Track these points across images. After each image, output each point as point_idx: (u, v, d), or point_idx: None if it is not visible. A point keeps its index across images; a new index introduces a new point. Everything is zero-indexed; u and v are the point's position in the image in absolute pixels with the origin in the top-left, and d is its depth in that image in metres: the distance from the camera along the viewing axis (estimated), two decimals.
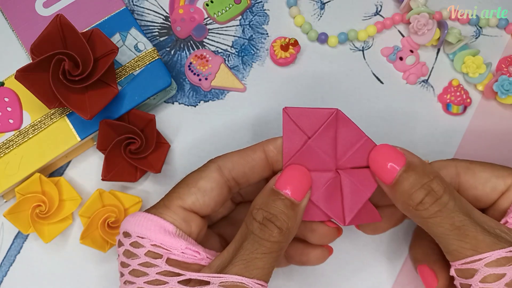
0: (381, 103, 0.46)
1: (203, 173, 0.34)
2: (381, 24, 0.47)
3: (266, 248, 0.31)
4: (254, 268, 0.30)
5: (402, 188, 0.32)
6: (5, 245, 0.43)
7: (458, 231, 0.31)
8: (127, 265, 0.32)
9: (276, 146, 0.34)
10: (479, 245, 0.31)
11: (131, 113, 0.42)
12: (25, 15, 0.43)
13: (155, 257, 0.31)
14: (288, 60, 0.45)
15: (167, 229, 0.32)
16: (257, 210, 0.32)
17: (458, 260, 0.31)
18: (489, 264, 0.30)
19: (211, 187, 0.34)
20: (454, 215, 0.31)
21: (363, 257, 0.43)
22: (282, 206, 0.32)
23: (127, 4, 0.47)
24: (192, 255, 0.32)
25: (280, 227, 0.31)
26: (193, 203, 0.33)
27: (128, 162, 0.41)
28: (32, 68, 0.38)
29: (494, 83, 0.45)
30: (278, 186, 0.32)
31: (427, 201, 0.31)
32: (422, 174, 0.32)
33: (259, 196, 0.33)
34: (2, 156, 0.41)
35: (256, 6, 0.48)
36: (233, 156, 0.35)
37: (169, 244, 0.32)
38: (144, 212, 0.33)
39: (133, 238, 0.32)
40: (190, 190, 0.33)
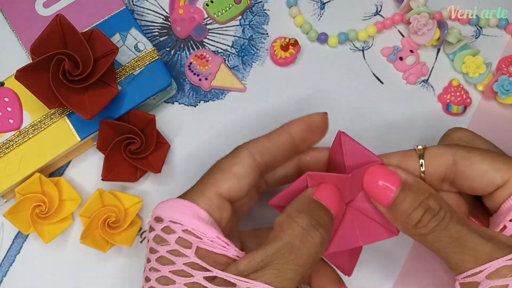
0: (381, 103, 0.46)
1: (236, 159, 0.34)
2: (381, 24, 0.47)
3: (302, 260, 0.30)
4: (285, 279, 0.29)
5: (400, 208, 0.32)
6: (5, 245, 0.43)
7: (456, 243, 0.31)
8: (155, 251, 0.31)
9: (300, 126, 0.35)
10: (478, 256, 0.30)
11: (131, 113, 0.42)
12: (25, 15, 0.43)
13: (185, 246, 0.31)
14: (288, 60, 0.45)
15: (200, 215, 0.31)
16: (299, 214, 0.31)
17: (460, 274, 0.31)
18: (490, 276, 0.30)
19: (245, 172, 0.33)
20: (451, 227, 0.31)
21: (363, 257, 0.43)
22: (325, 215, 0.31)
23: (127, 4, 0.47)
24: (221, 245, 0.31)
25: (324, 237, 0.30)
26: (229, 188, 0.33)
27: (128, 162, 0.41)
28: (32, 68, 0.38)
29: (494, 83, 0.45)
30: (317, 196, 0.32)
31: (425, 218, 0.31)
32: (418, 193, 0.32)
33: (297, 201, 0.32)
34: (2, 156, 0.41)
35: (256, 6, 0.48)
36: (263, 141, 0.35)
37: (201, 230, 0.31)
38: (177, 198, 0.33)
39: (165, 222, 0.32)
40: (226, 175, 0.33)
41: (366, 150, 0.33)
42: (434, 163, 0.34)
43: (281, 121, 0.45)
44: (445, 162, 0.34)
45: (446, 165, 0.34)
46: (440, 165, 0.34)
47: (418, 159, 0.34)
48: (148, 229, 0.33)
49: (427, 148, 0.35)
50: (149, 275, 0.31)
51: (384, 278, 0.43)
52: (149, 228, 0.33)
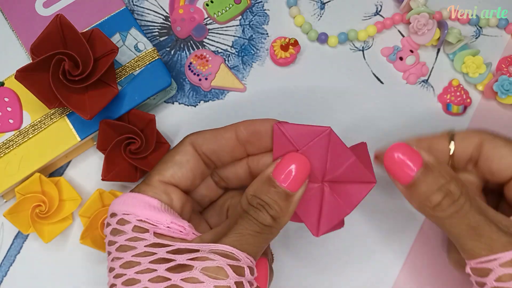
0: (381, 103, 0.46)
1: (178, 149, 0.35)
2: (381, 24, 0.47)
3: (259, 228, 0.31)
4: (246, 243, 0.31)
5: (420, 189, 0.32)
6: (5, 245, 0.43)
7: (473, 231, 0.31)
8: (114, 243, 0.33)
9: (246, 127, 0.35)
10: (493, 245, 0.31)
11: (131, 113, 0.42)
12: (25, 15, 0.43)
13: (143, 232, 0.32)
14: (288, 60, 0.45)
15: (152, 204, 0.33)
16: (251, 196, 0.32)
17: (473, 259, 0.31)
18: (504, 264, 0.30)
19: (186, 159, 0.35)
20: (470, 216, 0.31)
21: (365, 255, 0.43)
22: (275, 196, 0.32)
23: (127, 4, 0.47)
24: (177, 229, 0.33)
25: (273, 216, 0.32)
26: (172, 175, 0.34)
27: (128, 162, 0.41)
28: (32, 68, 0.38)
29: (494, 83, 0.45)
30: (274, 175, 0.32)
31: (444, 203, 0.31)
32: (439, 176, 0.32)
33: (254, 181, 0.33)
34: (2, 156, 0.41)
35: (256, 6, 0.48)
36: (205, 133, 0.35)
37: (155, 218, 0.32)
38: (128, 192, 0.34)
39: (119, 216, 0.33)
40: (167, 164, 0.35)
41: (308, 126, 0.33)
42: (462, 143, 0.35)
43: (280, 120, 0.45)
44: (472, 142, 0.35)
45: (473, 145, 0.35)
46: (468, 146, 0.35)
47: (448, 139, 0.35)
48: (105, 225, 0.34)
49: (458, 132, 0.36)
50: (112, 265, 0.32)
51: (386, 276, 0.43)
52: (106, 224, 0.34)
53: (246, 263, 0.30)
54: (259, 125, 0.35)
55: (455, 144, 0.35)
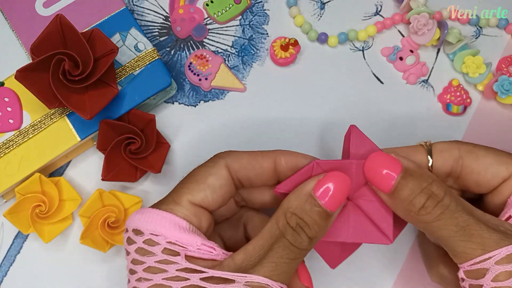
0: (381, 103, 0.46)
1: (213, 169, 0.34)
2: (381, 24, 0.47)
3: (295, 254, 0.31)
4: (281, 272, 0.30)
5: (402, 195, 0.31)
6: (5, 245, 0.43)
7: (463, 232, 0.30)
8: (141, 263, 0.31)
9: (287, 160, 0.34)
10: (486, 243, 0.30)
11: (131, 113, 0.42)
12: (25, 15, 0.43)
13: (173, 254, 0.31)
14: (288, 60, 0.45)
15: (181, 225, 0.32)
16: (291, 215, 0.31)
17: (466, 262, 0.31)
18: (500, 262, 0.29)
19: (220, 184, 0.33)
20: (458, 215, 0.31)
21: (363, 257, 0.43)
22: (316, 217, 0.31)
23: (127, 4, 0.47)
24: (208, 251, 0.31)
25: (311, 237, 0.31)
26: (203, 199, 0.33)
27: (128, 162, 0.41)
28: (32, 68, 0.38)
29: (494, 83, 0.45)
30: (316, 191, 0.31)
31: (429, 205, 0.31)
32: (420, 179, 0.31)
33: (294, 197, 0.32)
34: (2, 156, 0.41)
35: (256, 6, 0.48)
36: (242, 158, 0.34)
37: (184, 240, 0.31)
38: (154, 209, 0.33)
39: (146, 235, 0.31)
40: (200, 186, 0.33)
41: (373, 144, 0.33)
42: (441, 157, 0.34)
43: (281, 121, 0.45)
44: (452, 156, 0.34)
45: (453, 159, 0.34)
46: (447, 159, 0.34)
47: (426, 153, 0.34)
48: (127, 241, 0.33)
49: (434, 144, 0.35)
50: (138, 285, 0.31)
51: (384, 278, 0.43)
52: (128, 240, 0.33)
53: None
54: (300, 161, 0.34)
55: (433, 157, 0.34)
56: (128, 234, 0.33)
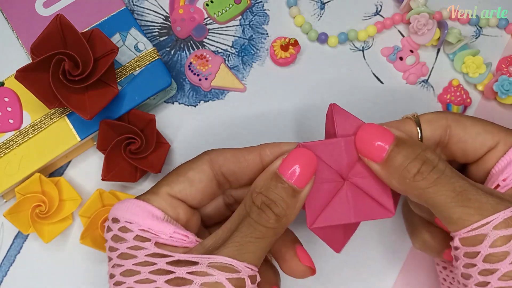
0: (381, 103, 0.46)
1: (194, 164, 0.34)
2: (381, 24, 0.47)
3: (260, 233, 0.31)
4: (246, 252, 0.30)
5: (396, 162, 0.31)
6: (5, 245, 0.43)
7: (460, 197, 0.30)
8: (115, 249, 0.32)
9: (273, 151, 0.34)
10: (484, 208, 0.29)
11: (131, 113, 0.42)
12: (25, 15, 0.43)
13: (144, 241, 0.32)
14: (288, 60, 0.45)
15: (155, 214, 0.33)
16: (256, 194, 0.31)
17: (463, 228, 0.30)
18: (498, 226, 0.29)
19: (199, 178, 0.34)
20: (454, 181, 0.30)
21: (363, 256, 0.43)
22: (282, 193, 0.31)
23: (127, 4, 0.47)
24: (180, 239, 0.32)
25: (278, 214, 0.31)
26: (180, 191, 0.34)
27: (128, 162, 0.41)
28: (32, 68, 0.38)
29: (494, 83, 0.45)
30: (281, 170, 0.31)
31: (424, 170, 0.30)
32: (414, 146, 0.31)
33: (260, 177, 0.32)
34: (2, 156, 0.41)
35: (256, 6, 0.48)
36: (227, 153, 0.34)
37: (157, 228, 0.32)
38: (132, 199, 0.34)
39: (121, 223, 0.33)
40: (179, 178, 0.34)
41: (358, 119, 0.33)
42: (430, 127, 0.34)
43: (281, 121, 0.45)
44: (440, 125, 0.34)
45: (441, 129, 0.34)
46: (435, 129, 0.34)
47: (415, 125, 0.34)
48: (106, 229, 0.34)
49: (421, 115, 0.35)
50: (113, 271, 0.32)
51: (385, 278, 0.43)
52: (107, 228, 0.34)
53: (247, 273, 0.30)
54: (285, 148, 0.34)
55: (421, 127, 0.34)
56: (107, 223, 0.34)
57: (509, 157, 0.33)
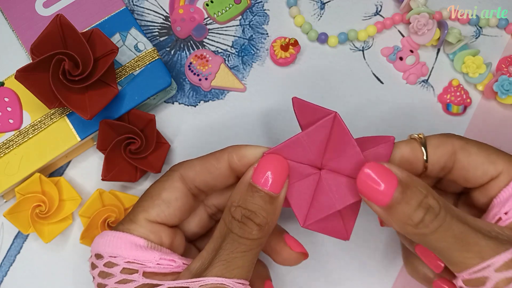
0: (381, 103, 0.46)
1: (166, 183, 0.34)
2: (381, 24, 0.47)
3: (246, 246, 0.30)
4: (235, 268, 0.30)
5: (400, 209, 0.31)
6: (5, 245, 0.43)
7: (460, 242, 0.30)
8: (103, 286, 0.32)
9: (240, 157, 0.33)
10: (484, 252, 0.30)
11: (131, 113, 0.42)
12: (25, 15, 0.43)
13: (131, 273, 0.31)
14: (288, 60, 0.45)
15: (138, 243, 0.32)
16: (235, 208, 0.31)
17: (465, 270, 0.30)
18: (499, 269, 0.29)
19: (175, 197, 0.33)
20: (454, 227, 0.30)
21: (363, 257, 0.43)
22: (260, 202, 0.31)
23: (127, 4, 0.47)
24: (167, 264, 0.32)
25: (259, 224, 0.31)
26: (158, 215, 0.33)
27: (128, 162, 0.41)
28: (32, 68, 0.38)
29: (494, 83, 0.45)
30: (255, 180, 0.31)
31: (427, 219, 0.30)
32: (417, 192, 0.31)
33: (236, 191, 0.32)
34: (2, 156, 0.41)
35: (256, 6, 0.48)
36: (195, 166, 0.34)
37: (142, 258, 0.32)
38: (112, 231, 0.33)
39: (105, 258, 0.32)
40: (154, 202, 0.33)
41: (316, 106, 0.32)
42: (436, 153, 0.34)
43: (281, 121, 0.45)
44: (446, 151, 0.34)
45: (447, 155, 0.34)
46: (441, 156, 0.34)
47: (420, 147, 0.34)
48: (91, 266, 0.33)
49: (428, 138, 0.35)
50: None
51: (384, 278, 0.43)
52: (92, 265, 0.33)
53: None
54: (251, 155, 0.33)
55: (428, 152, 0.34)
56: (91, 260, 0.33)
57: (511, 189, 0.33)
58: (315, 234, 0.43)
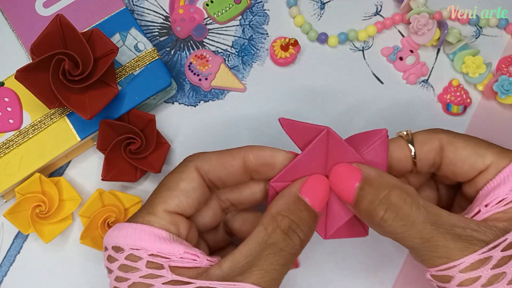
0: (381, 103, 0.46)
1: (183, 174, 0.33)
2: (381, 24, 0.47)
3: (285, 260, 0.30)
4: (271, 279, 0.30)
5: (362, 206, 0.31)
6: (5, 245, 0.43)
7: (428, 243, 0.30)
8: (125, 279, 0.31)
9: (256, 156, 0.33)
10: (451, 253, 0.30)
11: (131, 113, 0.42)
12: (25, 15, 0.43)
13: (158, 268, 0.30)
14: (288, 60, 0.45)
15: (161, 235, 0.31)
16: (282, 217, 0.31)
17: (432, 268, 0.31)
18: (464, 270, 0.30)
19: (192, 187, 0.33)
20: (421, 228, 0.30)
21: (363, 257, 0.43)
22: (306, 216, 0.31)
23: (127, 4, 0.47)
24: (191, 259, 0.31)
25: (302, 239, 0.31)
26: (178, 205, 0.33)
27: (128, 162, 0.41)
28: (32, 68, 0.38)
29: (494, 83, 0.45)
30: (304, 194, 0.32)
31: (388, 217, 0.30)
32: (378, 188, 0.31)
33: (282, 200, 0.32)
34: (2, 156, 0.41)
35: (256, 6, 0.48)
36: (211, 159, 0.34)
37: (166, 251, 0.31)
38: (131, 223, 0.32)
39: (127, 251, 0.31)
40: (173, 193, 0.33)
41: (306, 124, 0.33)
42: (423, 149, 0.34)
43: None
44: (433, 147, 0.34)
45: (434, 151, 0.34)
46: (429, 152, 0.34)
47: (406, 144, 0.34)
48: (108, 260, 0.32)
49: (415, 134, 0.35)
50: None
51: (384, 278, 0.43)
52: (109, 258, 0.32)
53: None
54: (269, 157, 0.33)
55: (415, 149, 0.34)
56: (108, 253, 0.32)
57: (496, 181, 0.33)
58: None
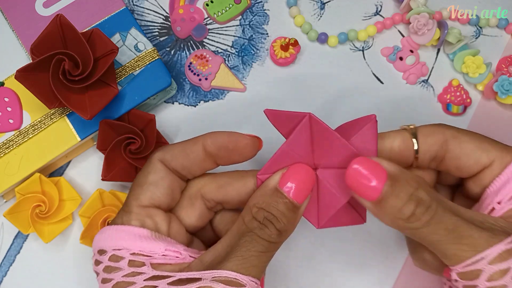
0: (381, 103, 0.46)
1: (149, 168, 0.34)
2: (381, 24, 0.47)
3: (263, 247, 0.31)
4: (250, 266, 0.30)
5: (390, 203, 0.30)
6: (5, 245, 0.43)
7: (453, 234, 0.30)
8: (109, 280, 0.31)
9: (214, 141, 0.33)
10: (477, 243, 0.29)
11: (131, 113, 0.42)
12: (25, 15, 0.43)
13: (139, 265, 0.31)
14: (288, 60, 0.45)
15: (142, 234, 0.32)
16: (257, 210, 0.31)
17: (459, 264, 0.30)
18: (493, 261, 0.29)
19: (161, 177, 0.34)
20: (446, 219, 0.30)
21: (364, 257, 0.43)
22: (284, 209, 0.31)
23: (127, 4, 0.47)
24: (173, 256, 0.32)
25: (279, 229, 0.31)
26: (150, 197, 0.33)
27: (128, 162, 0.41)
28: (32, 68, 0.38)
29: (494, 83, 0.45)
30: (281, 185, 0.31)
31: (418, 212, 0.30)
32: (407, 185, 0.30)
33: (259, 192, 0.32)
34: (2, 156, 0.41)
35: (256, 6, 0.48)
36: (174, 149, 0.34)
37: (148, 248, 0.31)
38: (112, 225, 0.33)
39: (109, 252, 0.32)
40: (143, 187, 0.33)
41: (289, 112, 0.32)
42: (427, 142, 0.34)
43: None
44: (437, 141, 0.34)
45: (438, 144, 0.34)
46: (432, 144, 0.33)
47: (410, 137, 0.34)
48: (94, 263, 0.33)
49: (419, 128, 0.35)
50: None
51: (385, 278, 0.43)
52: (95, 262, 0.33)
53: (252, 286, 0.30)
54: (226, 140, 0.33)
55: (418, 142, 0.34)
56: (95, 257, 0.33)
57: (504, 177, 0.32)
58: (313, 234, 0.43)
